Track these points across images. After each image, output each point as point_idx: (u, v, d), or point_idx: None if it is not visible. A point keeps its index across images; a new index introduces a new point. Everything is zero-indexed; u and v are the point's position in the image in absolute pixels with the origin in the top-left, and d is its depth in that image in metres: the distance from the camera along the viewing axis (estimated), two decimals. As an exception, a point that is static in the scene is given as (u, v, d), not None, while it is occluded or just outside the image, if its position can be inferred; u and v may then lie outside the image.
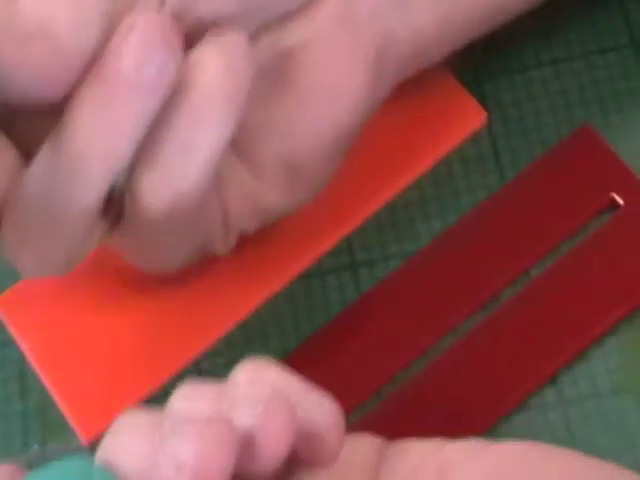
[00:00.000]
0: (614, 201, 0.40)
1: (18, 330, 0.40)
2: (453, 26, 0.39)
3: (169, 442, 0.25)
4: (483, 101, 0.43)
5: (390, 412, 0.38)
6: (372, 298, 0.40)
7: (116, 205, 0.34)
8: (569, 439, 0.37)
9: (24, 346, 0.40)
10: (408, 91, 0.41)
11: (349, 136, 0.37)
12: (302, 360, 0.39)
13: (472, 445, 0.31)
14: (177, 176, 0.32)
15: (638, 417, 0.38)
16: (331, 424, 0.29)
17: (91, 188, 0.31)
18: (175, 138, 0.32)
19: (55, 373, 0.39)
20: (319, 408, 0.29)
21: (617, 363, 0.38)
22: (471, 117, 0.42)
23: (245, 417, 0.27)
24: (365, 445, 0.31)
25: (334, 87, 0.36)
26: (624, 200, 0.40)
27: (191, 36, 0.33)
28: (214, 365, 0.39)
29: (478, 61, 0.43)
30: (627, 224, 0.40)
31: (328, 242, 0.41)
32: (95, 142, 0.31)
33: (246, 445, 0.26)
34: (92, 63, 0.31)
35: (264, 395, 0.27)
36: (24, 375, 0.40)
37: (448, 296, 0.39)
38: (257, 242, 0.40)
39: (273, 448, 0.27)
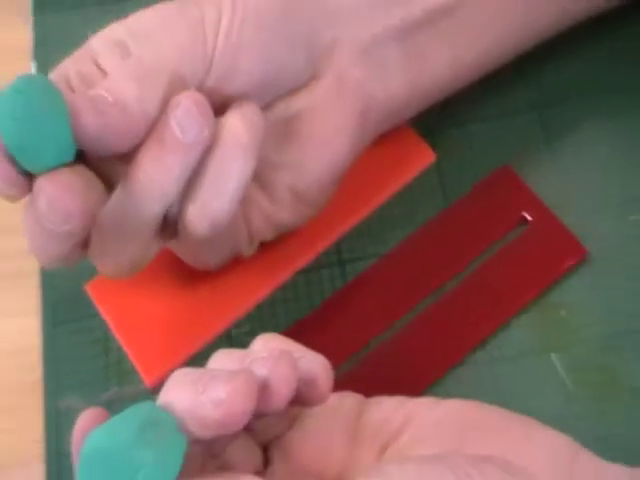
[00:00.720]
0: (525, 218, 0.41)
1: (102, 305, 0.40)
2: (419, 94, 0.40)
3: (209, 387, 0.26)
4: (433, 145, 0.43)
5: (365, 371, 0.39)
6: (354, 286, 0.41)
7: (171, 225, 0.35)
8: (495, 389, 0.38)
9: (105, 316, 0.40)
10: (378, 137, 0.41)
11: (340, 173, 0.38)
12: (302, 330, 0.40)
13: (427, 400, 0.32)
14: (212, 208, 0.33)
15: (544, 375, 0.38)
16: (323, 373, 0.29)
17: (150, 215, 0.33)
18: (210, 179, 0.32)
19: (127, 335, 0.40)
20: (314, 362, 0.29)
21: (527, 331, 0.39)
22: (423, 157, 0.43)
23: (261, 369, 0.28)
24: (350, 398, 0.32)
25: (329, 138, 0.38)
26: (531, 217, 0.41)
27: (222, 106, 0.34)
28: (239, 334, 0.40)
29: (432, 116, 0.43)
30: (534, 234, 0.41)
31: (323, 245, 0.42)
32: (152, 183, 0.32)
33: (262, 389, 0.27)
34: (152, 126, 0.32)
35: (274, 354, 0.28)
36: (106, 338, 0.40)
37: (408, 284, 0.41)
38: (273, 245, 0.41)
39: (281, 389, 0.28)
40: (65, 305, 0.41)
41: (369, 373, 0.39)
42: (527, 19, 0.42)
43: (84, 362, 0.40)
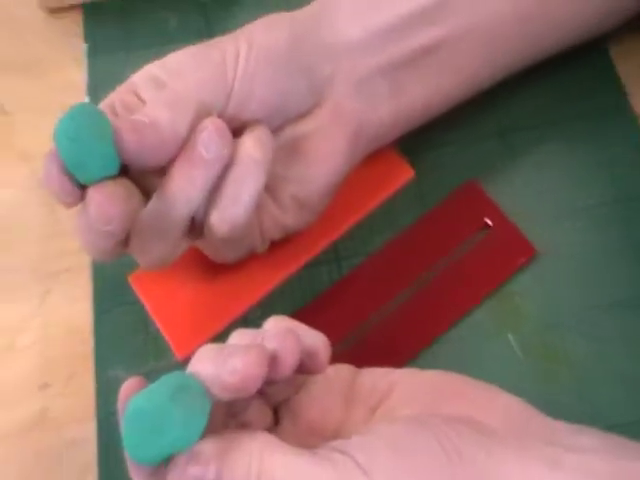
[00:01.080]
0: (487, 223, 0.42)
1: (141, 293, 0.41)
2: (402, 120, 0.41)
3: (228, 359, 0.27)
4: (412, 163, 0.44)
5: (357, 348, 0.39)
6: (348, 279, 0.42)
7: (198, 227, 0.35)
8: (463, 363, 0.38)
9: (144, 302, 0.41)
10: (366, 157, 0.41)
11: (336, 185, 0.39)
12: (305, 314, 0.39)
13: (410, 370, 0.33)
14: (231, 213, 0.34)
15: (502, 351, 0.39)
16: (323, 347, 0.30)
17: (179, 219, 0.34)
18: (229, 190, 0.33)
19: (162, 318, 0.40)
20: (315, 338, 0.30)
21: (489, 316, 0.40)
22: (404, 173, 0.44)
23: (271, 343, 0.29)
24: (345, 368, 0.33)
25: (327, 157, 0.38)
26: (492, 223, 0.42)
27: (239, 129, 0.35)
28: (254, 317, 0.40)
29: (412, 138, 0.43)
30: (494, 237, 0.42)
31: (322, 245, 0.42)
32: (181, 192, 0.33)
33: (272, 360, 0.28)
34: (182, 145, 0.33)
35: (282, 331, 0.29)
36: (144, 320, 0.41)
37: (392, 277, 0.41)
38: (281, 244, 0.41)
39: (288, 359, 0.29)
40: (111, 293, 0.42)
41: (361, 349, 0.39)
42: (497, 60, 0.42)
43: (127, 339, 0.40)
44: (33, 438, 0.39)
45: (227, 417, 0.31)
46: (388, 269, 0.41)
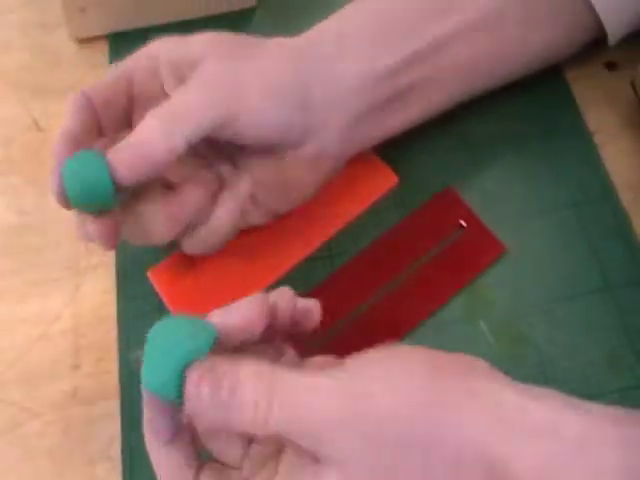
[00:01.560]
0: (461, 224, 0.42)
1: (159, 285, 0.41)
2: (378, 142, 0.40)
3: (234, 307, 0.29)
4: (396, 171, 0.44)
5: (349, 333, 0.39)
6: (340, 272, 0.42)
7: None
8: (441, 347, 0.34)
9: (161, 294, 0.41)
10: (348, 165, 0.41)
11: (325, 182, 0.40)
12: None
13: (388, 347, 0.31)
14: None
15: (475, 336, 0.39)
16: (315, 307, 0.31)
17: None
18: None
19: (177, 307, 0.40)
20: (309, 301, 0.31)
21: (463, 305, 0.40)
22: (389, 181, 0.44)
23: (271, 298, 0.30)
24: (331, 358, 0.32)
25: (304, 185, 0.39)
26: (466, 223, 0.42)
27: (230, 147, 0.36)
28: None
29: (396, 149, 0.43)
30: (468, 236, 0.42)
31: (316, 244, 0.42)
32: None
33: (272, 308, 0.29)
34: (179, 158, 0.33)
35: (281, 291, 0.31)
36: (162, 310, 0.40)
37: (379, 271, 0.41)
38: (280, 245, 0.41)
39: (284, 306, 0.30)
40: (133, 286, 0.42)
41: (350, 334, 0.39)
42: (475, 88, 0.42)
43: (147, 326, 0.37)
44: (65, 413, 0.39)
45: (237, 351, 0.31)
46: (375, 264, 0.41)
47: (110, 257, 0.43)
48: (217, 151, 0.38)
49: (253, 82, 0.34)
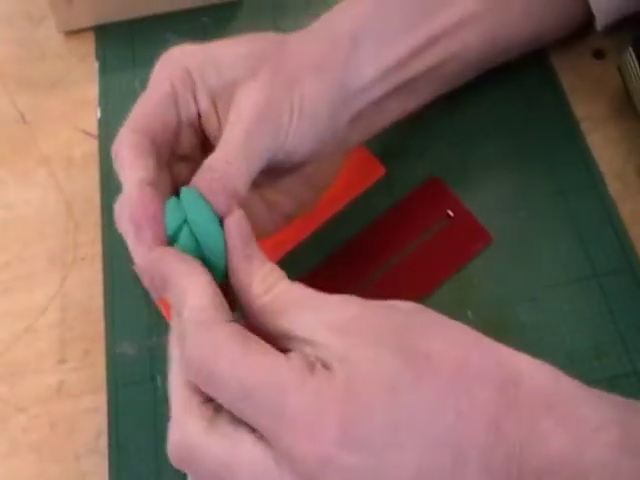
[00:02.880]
0: (448, 214, 0.42)
1: None
2: (376, 131, 0.39)
3: None
4: (384, 161, 0.43)
5: None
6: (329, 260, 0.41)
7: None
8: None
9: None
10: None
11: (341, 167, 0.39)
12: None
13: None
14: None
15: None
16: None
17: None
18: None
19: (163, 299, 0.35)
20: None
21: (451, 294, 0.39)
22: (377, 171, 0.43)
23: None
24: None
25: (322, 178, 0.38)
26: (453, 213, 0.42)
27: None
28: None
29: (384, 141, 0.43)
30: (455, 225, 0.41)
31: (310, 230, 0.42)
32: None
33: None
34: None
35: None
36: (149, 303, 0.40)
37: (366, 259, 0.41)
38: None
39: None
40: (120, 279, 0.41)
41: None
42: (467, 76, 0.42)
43: (133, 319, 0.40)
44: (51, 407, 0.38)
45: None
46: (361, 254, 0.41)
47: (96, 250, 0.43)
48: None
49: (293, 108, 0.33)
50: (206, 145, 0.34)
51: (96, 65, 0.49)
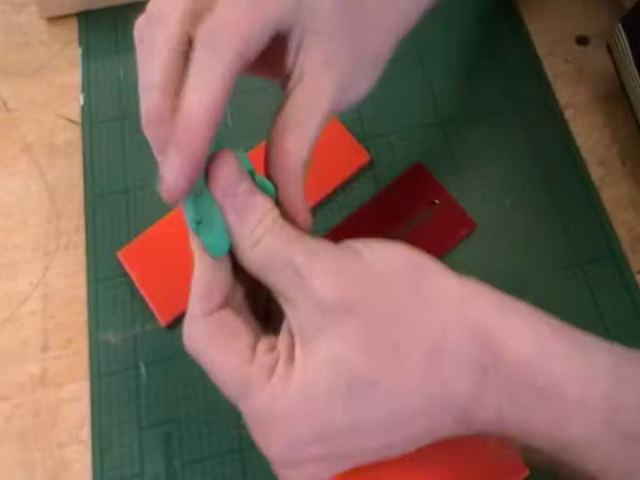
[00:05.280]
0: (433, 201, 0.41)
1: (129, 266, 0.39)
2: None
3: None
4: (368, 148, 0.43)
5: None
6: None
7: None
8: None
9: (132, 275, 0.39)
10: (323, 143, 0.37)
11: None
12: None
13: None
14: None
15: None
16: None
17: None
18: None
19: (147, 289, 0.39)
20: None
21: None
22: (362, 158, 0.43)
23: None
24: None
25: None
26: (438, 200, 0.41)
27: None
28: None
29: (366, 128, 0.43)
30: (440, 213, 0.41)
31: None
32: None
33: None
34: None
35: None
36: (132, 291, 0.39)
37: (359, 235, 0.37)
38: None
39: None
40: (103, 267, 0.41)
41: None
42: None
43: (117, 308, 0.40)
44: (34, 396, 0.38)
45: None
46: (355, 234, 0.39)
47: (79, 238, 0.42)
48: None
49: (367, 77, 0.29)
50: None
51: (79, 51, 0.48)
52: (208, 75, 0.24)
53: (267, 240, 0.25)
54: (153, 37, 0.25)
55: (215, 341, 0.25)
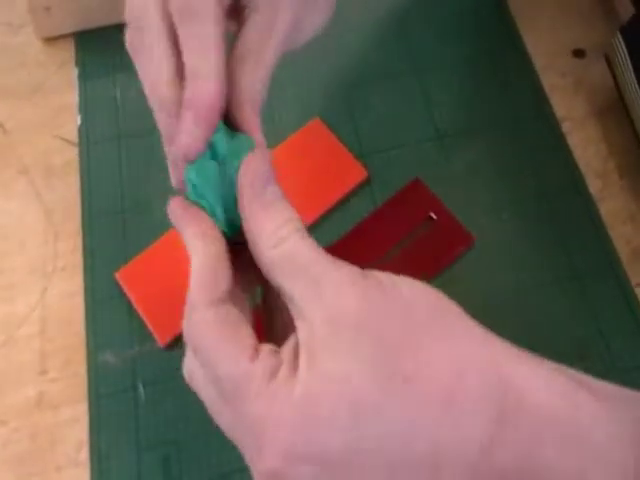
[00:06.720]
0: (431, 216, 0.41)
1: (127, 288, 0.40)
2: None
3: None
4: (365, 165, 0.43)
5: None
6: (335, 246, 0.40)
7: None
8: None
9: (130, 296, 0.39)
10: (320, 160, 0.41)
11: None
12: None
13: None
14: None
15: None
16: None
17: None
18: None
19: (145, 310, 0.39)
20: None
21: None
22: (359, 174, 0.43)
23: None
24: None
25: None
26: (436, 215, 0.41)
27: None
28: None
29: (364, 144, 0.43)
30: (438, 227, 0.41)
31: None
32: None
33: None
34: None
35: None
36: (130, 312, 0.39)
37: (358, 254, 0.40)
38: None
39: None
40: (100, 288, 0.40)
41: None
42: None
43: (115, 329, 0.39)
44: (32, 420, 0.37)
45: None
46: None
47: (77, 259, 0.42)
48: None
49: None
50: None
51: (76, 72, 0.48)
52: (199, 37, 0.25)
53: (291, 242, 0.24)
54: (143, 42, 0.27)
55: (222, 331, 0.24)
